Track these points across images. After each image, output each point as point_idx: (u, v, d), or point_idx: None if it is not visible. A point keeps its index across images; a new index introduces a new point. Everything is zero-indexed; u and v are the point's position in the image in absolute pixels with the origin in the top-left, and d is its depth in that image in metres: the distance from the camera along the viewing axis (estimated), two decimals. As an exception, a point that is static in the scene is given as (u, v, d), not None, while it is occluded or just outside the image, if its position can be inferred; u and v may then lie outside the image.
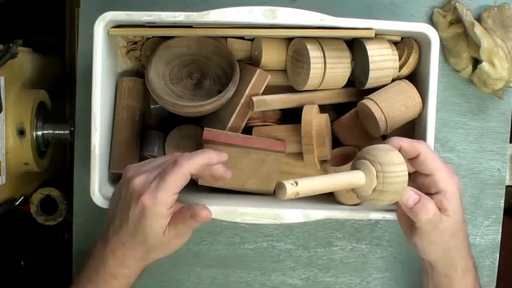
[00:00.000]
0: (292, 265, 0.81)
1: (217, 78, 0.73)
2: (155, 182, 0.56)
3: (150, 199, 0.56)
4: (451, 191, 0.58)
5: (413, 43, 0.69)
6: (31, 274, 1.11)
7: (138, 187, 0.57)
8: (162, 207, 0.56)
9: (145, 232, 0.57)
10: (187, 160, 0.57)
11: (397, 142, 0.58)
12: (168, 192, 0.56)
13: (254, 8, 0.63)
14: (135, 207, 0.57)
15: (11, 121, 0.82)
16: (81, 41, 0.78)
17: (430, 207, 0.57)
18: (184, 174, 0.57)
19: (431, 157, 0.58)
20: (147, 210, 0.56)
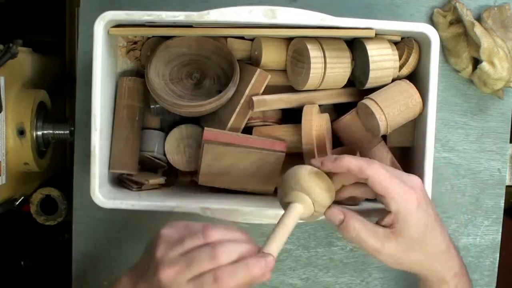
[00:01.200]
0: (292, 265, 0.81)
1: (217, 78, 0.73)
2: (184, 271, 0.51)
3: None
4: (403, 212, 0.56)
5: (413, 43, 0.69)
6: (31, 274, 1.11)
7: (167, 283, 0.52)
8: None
9: None
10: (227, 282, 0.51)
11: (346, 164, 0.57)
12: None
13: (254, 8, 0.63)
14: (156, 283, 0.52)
15: (11, 121, 0.82)
16: (81, 41, 0.78)
17: (354, 224, 0.57)
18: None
19: (379, 180, 0.56)
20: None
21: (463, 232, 0.80)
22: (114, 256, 0.80)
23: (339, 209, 0.59)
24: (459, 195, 0.79)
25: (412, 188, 0.57)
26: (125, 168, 0.71)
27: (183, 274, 0.52)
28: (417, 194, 0.57)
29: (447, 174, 0.79)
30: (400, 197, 0.56)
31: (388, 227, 0.58)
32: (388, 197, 0.56)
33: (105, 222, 0.80)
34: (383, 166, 0.57)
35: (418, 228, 0.57)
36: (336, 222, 0.59)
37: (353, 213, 0.59)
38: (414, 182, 0.58)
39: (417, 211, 0.57)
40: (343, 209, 0.59)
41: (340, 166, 0.57)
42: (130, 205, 0.66)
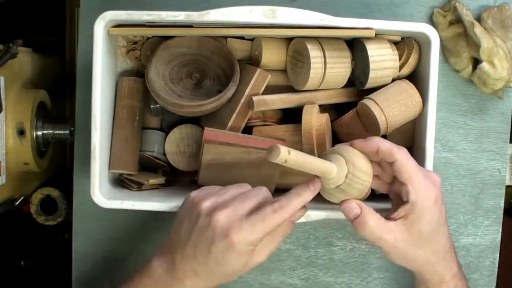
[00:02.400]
0: (292, 265, 0.81)
1: (217, 78, 0.73)
2: (249, 223, 0.55)
3: (241, 238, 0.55)
4: (421, 205, 0.57)
5: (413, 43, 0.69)
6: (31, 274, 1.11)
7: (225, 224, 0.55)
8: (250, 246, 0.56)
9: (228, 268, 0.56)
10: (287, 208, 0.56)
11: (376, 144, 0.57)
12: (262, 235, 0.55)
13: (254, 8, 0.63)
14: (221, 243, 0.55)
15: (11, 121, 0.82)
16: (81, 41, 0.78)
17: (369, 221, 0.57)
18: (281, 223, 0.56)
19: (406, 167, 0.57)
20: (236, 247, 0.55)
21: (463, 232, 0.80)
22: (114, 256, 0.80)
23: (357, 203, 0.59)
24: (459, 195, 0.79)
25: (433, 184, 0.58)
26: (125, 168, 0.71)
27: (238, 211, 0.56)
28: (436, 190, 0.58)
29: (447, 174, 0.79)
30: (421, 189, 0.57)
31: (399, 218, 0.58)
32: (410, 186, 0.57)
33: (105, 222, 0.80)
34: (410, 155, 0.58)
35: (430, 224, 0.58)
36: (351, 216, 0.58)
37: (370, 208, 0.58)
38: (435, 179, 0.59)
39: (433, 206, 0.57)
40: (359, 203, 0.59)
41: (370, 146, 0.58)
42: (130, 205, 0.66)
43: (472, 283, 0.80)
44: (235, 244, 0.55)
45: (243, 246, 0.55)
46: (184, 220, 0.59)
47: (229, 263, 0.56)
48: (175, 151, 0.74)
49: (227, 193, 0.58)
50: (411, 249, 0.59)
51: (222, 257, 0.56)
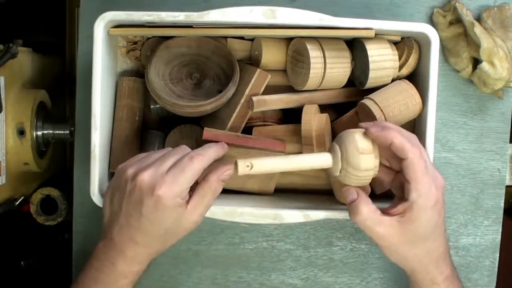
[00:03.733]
0: (292, 265, 0.81)
1: (217, 78, 0.73)
2: (170, 175, 0.57)
3: (167, 192, 0.56)
4: (420, 205, 0.58)
5: (413, 43, 0.69)
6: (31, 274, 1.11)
7: (150, 181, 0.57)
8: (178, 199, 0.57)
9: (162, 225, 0.58)
10: (201, 157, 0.58)
11: (390, 138, 0.57)
12: (184, 184, 0.57)
13: (254, 8, 0.63)
14: (149, 201, 0.56)
15: (11, 121, 0.82)
16: (81, 41, 0.78)
17: (363, 210, 0.59)
18: (199, 169, 0.58)
19: (415, 167, 0.57)
20: (164, 202, 0.56)
21: (463, 232, 0.80)
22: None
23: (356, 190, 0.60)
24: (459, 195, 0.79)
25: (436, 187, 0.59)
26: (125, 168, 0.71)
27: (160, 168, 0.58)
28: (438, 194, 0.59)
29: (447, 174, 0.79)
30: (423, 191, 0.58)
31: (396, 214, 0.59)
32: (413, 185, 0.57)
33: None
34: (422, 153, 0.58)
35: (426, 225, 0.59)
36: (347, 200, 0.60)
37: (366, 198, 0.60)
38: (439, 181, 0.60)
39: (432, 209, 0.58)
40: (359, 191, 0.60)
41: (385, 138, 0.58)
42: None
43: (472, 283, 0.80)
44: (162, 198, 0.56)
45: (170, 199, 0.56)
46: (114, 193, 0.61)
47: (161, 220, 0.57)
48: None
49: (149, 158, 0.60)
50: (403, 246, 0.60)
51: (153, 216, 0.57)
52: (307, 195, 0.74)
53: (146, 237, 0.59)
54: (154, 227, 0.58)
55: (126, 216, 0.58)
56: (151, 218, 0.57)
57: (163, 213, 0.57)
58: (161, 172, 0.57)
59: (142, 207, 0.57)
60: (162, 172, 0.57)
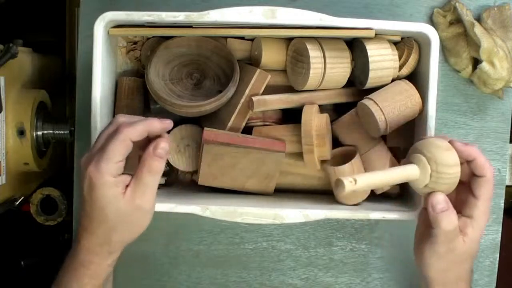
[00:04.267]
0: (292, 265, 0.81)
1: (217, 78, 0.73)
2: (98, 153, 0.56)
3: (94, 170, 0.55)
4: (479, 225, 0.59)
5: (413, 43, 0.69)
6: (31, 274, 1.11)
7: (84, 162, 0.57)
8: (107, 176, 0.55)
9: (99, 206, 0.56)
10: (127, 127, 0.56)
11: (474, 154, 0.58)
12: (110, 159, 0.55)
13: (254, 8, 0.63)
14: (85, 183, 0.56)
15: (11, 121, 0.82)
16: (81, 41, 0.78)
17: (454, 220, 0.58)
18: (124, 140, 0.56)
19: (489, 186, 0.58)
20: (93, 181, 0.55)
21: (463, 232, 0.80)
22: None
23: (445, 198, 0.59)
24: (459, 195, 0.79)
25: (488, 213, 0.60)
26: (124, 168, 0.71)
27: (94, 148, 0.57)
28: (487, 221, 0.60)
29: (447, 174, 0.79)
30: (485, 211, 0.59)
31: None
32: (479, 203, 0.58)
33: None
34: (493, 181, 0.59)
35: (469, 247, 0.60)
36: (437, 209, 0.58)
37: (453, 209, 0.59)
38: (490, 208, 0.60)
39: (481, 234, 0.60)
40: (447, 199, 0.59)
41: (468, 153, 0.58)
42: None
43: (472, 283, 0.80)
44: (91, 177, 0.55)
45: (98, 177, 0.55)
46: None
47: (98, 202, 0.56)
48: (175, 151, 0.74)
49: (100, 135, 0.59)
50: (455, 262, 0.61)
51: (89, 197, 0.56)
52: (307, 195, 0.74)
53: (92, 223, 0.58)
54: (94, 211, 0.57)
55: (81, 204, 0.58)
56: (89, 199, 0.56)
57: (96, 193, 0.56)
58: (93, 152, 0.57)
59: (83, 190, 0.57)
60: (94, 151, 0.57)
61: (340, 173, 0.67)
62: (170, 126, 0.60)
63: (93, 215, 0.57)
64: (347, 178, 0.54)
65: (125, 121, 0.58)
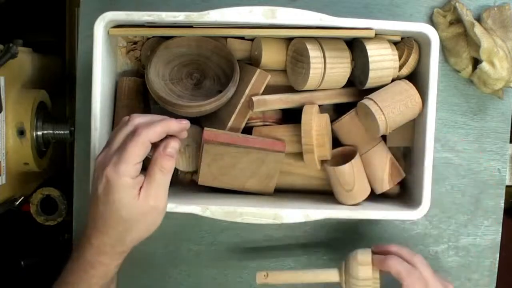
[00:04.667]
0: (292, 265, 0.81)
1: (217, 78, 0.73)
2: (116, 154, 0.56)
3: (112, 171, 0.55)
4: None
5: (413, 43, 0.69)
6: (31, 274, 1.11)
7: (100, 163, 0.57)
8: (126, 178, 0.55)
9: (115, 207, 0.56)
10: (145, 129, 0.56)
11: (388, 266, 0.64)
12: (129, 161, 0.55)
13: (254, 8, 0.63)
14: (100, 183, 0.56)
15: (11, 121, 0.82)
16: (81, 41, 0.78)
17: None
18: (143, 143, 0.56)
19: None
20: (112, 183, 0.55)
21: (463, 232, 0.80)
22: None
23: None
24: (459, 195, 0.79)
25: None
26: (125, 168, 0.71)
27: (111, 149, 0.57)
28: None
29: (447, 174, 0.79)
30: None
31: None
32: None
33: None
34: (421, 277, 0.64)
35: None
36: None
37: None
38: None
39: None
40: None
41: (385, 267, 0.64)
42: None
43: (472, 283, 0.80)
44: (109, 178, 0.55)
45: (116, 178, 0.55)
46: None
47: (114, 203, 0.56)
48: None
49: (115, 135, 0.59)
50: None
51: (105, 198, 0.56)
52: (307, 195, 0.74)
53: (106, 223, 0.57)
54: (109, 212, 0.57)
55: (92, 203, 0.58)
56: (104, 200, 0.56)
57: (114, 195, 0.56)
58: (110, 153, 0.57)
59: (98, 190, 0.56)
60: (112, 152, 0.57)
61: (340, 173, 0.67)
62: (187, 126, 0.60)
63: (107, 216, 0.57)
64: (261, 273, 0.66)
65: (143, 122, 0.58)
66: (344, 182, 0.68)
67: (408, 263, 0.65)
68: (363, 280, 0.65)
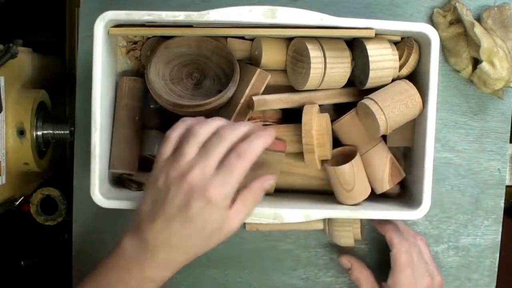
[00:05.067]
0: (292, 265, 0.81)
1: (217, 78, 0.73)
2: (219, 176, 0.55)
3: (217, 193, 0.54)
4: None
5: (413, 43, 0.69)
6: (31, 274, 1.11)
7: (200, 182, 0.54)
8: (227, 200, 0.56)
9: (207, 228, 0.56)
10: (250, 153, 0.56)
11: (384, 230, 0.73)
12: (235, 185, 0.56)
13: (254, 8, 0.63)
14: (197, 204, 0.54)
15: (11, 121, 0.82)
16: (81, 41, 0.78)
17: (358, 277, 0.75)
18: (248, 167, 0.56)
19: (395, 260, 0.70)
20: (213, 204, 0.54)
21: (463, 232, 0.80)
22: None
23: (348, 259, 0.76)
24: (459, 195, 0.79)
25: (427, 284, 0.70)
26: (125, 168, 0.71)
27: (207, 167, 0.55)
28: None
29: (447, 174, 0.79)
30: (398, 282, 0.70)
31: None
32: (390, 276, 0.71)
33: (105, 222, 0.80)
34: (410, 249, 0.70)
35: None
36: (345, 268, 0.77)
37: (359, 265, 0.75)
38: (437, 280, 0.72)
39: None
40: (352, 259, 0.76)
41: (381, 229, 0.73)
42: (130, 205, 0.66)
43: (472, 283, 0.80)
44: (211, 201, 0.54)
45: (220, 201, 0.55)
46: (153, 194, 0.58)
47: (207, 223, 0.55)
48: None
49: (186, 155, 0.56)
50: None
51: (200, 219, 0.55)
52: (307, 195, 0.74)
53: (186, 241, 0.57)
54: (197, 231, 0.56)
55: (168, 219, 0.56)
56: (198, 221, 0.55)
57: (210, 216, 0.55)
58: (209, 173, 0.55)
59: (189, 210, 0.55)
60: (210, 172, 0.55)
61: (340, 172, 0.67)
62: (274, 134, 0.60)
63: (194, 235, 0.56)
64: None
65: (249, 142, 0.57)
66: (344, 182, 0.68)
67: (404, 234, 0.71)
68: (342, 225, 0.73)
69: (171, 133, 0.60)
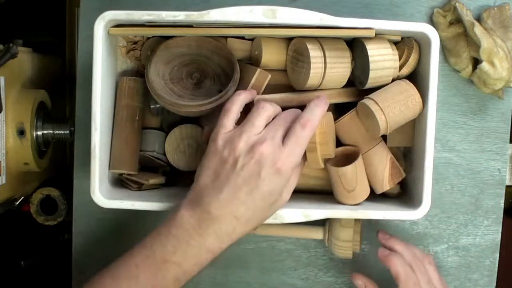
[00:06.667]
0: (292, 265, 0.81)
1: (217, 77, 0.73)
2: (288, 147, 0.58)
3: (287, 163, 0.57)
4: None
5: (413, 43, 0.69)
6: (31, 274, 1.11)
7: (270, 155, 0.57)
8: (293, 170, 0.59)
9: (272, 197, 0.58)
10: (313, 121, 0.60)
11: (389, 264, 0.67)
12: (302, 154, 0.59)
13: (254, 8, 0.63)
14: (267, 174, 0.57)
15: (11, 121, 0.82)
16: (81, 41, 0.78)
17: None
18: (312, 135, 0.60)
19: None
20: (282, 174, 0.57)
21: (463, 232, 0.80)
22: (114, 256, 0.80)
23: (362, 279, 0.72)
24: (459, 195, 0.79)
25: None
26: (125, 168, 0.71)
27: (275, 140, 0.58)
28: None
29: (447, 174, 0.79)
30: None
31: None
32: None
33: (105, 222, 0.80)
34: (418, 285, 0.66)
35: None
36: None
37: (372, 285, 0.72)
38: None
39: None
40: (366, 281, 0.72)
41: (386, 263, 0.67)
42: (130, 205, 0.66)
43: (472, 283, 0.80)
44: (281, 170, 0.57)
45: (288, 170, 0.58)
46: (215, 165, 0.59)
47: (274, 192, 0.58)
48: (175, 151, 0.74)
49: (252, 126, 0.59)
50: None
51: (268, 188, 0.57)
52: (307, 195, 0.74)
53: (251, 212, 0.58)
54: (262, 201, 0.58)
55: (234, 190, 0.57)
56: (265, 191, 0.57)
57: (278, 185, 0.58)
58: (278, 144, 0.58)
59: (259, 179, 0.57)
60: (279, 144, 0.58)
61: (342, 174, 0.67)
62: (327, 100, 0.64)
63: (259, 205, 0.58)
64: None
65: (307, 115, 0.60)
66: (346, 183, 0.68)
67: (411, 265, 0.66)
68: (343, 241, 0.72)
69: (231, 105, 0.62)
